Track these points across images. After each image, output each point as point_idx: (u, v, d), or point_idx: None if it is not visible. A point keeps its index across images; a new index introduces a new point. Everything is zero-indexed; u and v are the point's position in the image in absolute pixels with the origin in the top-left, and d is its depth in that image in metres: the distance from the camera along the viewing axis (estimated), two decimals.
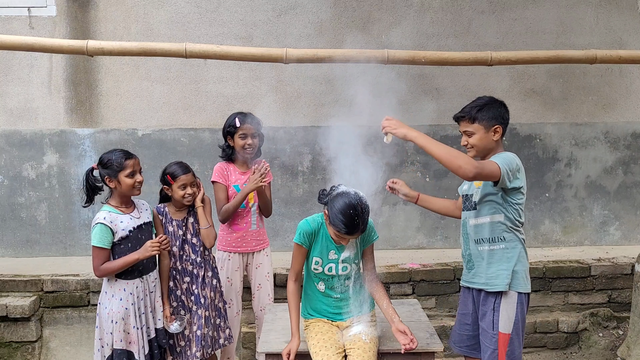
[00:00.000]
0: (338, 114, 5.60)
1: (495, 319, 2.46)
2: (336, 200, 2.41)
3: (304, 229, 2.58)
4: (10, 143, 4.74)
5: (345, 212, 2.35)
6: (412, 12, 5.19)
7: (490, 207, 2.49)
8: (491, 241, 2.50)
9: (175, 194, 2.96)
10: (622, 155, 5.04)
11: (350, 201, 2.38)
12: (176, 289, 3.02)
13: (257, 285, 3.40)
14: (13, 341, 3.92)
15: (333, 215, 2.38)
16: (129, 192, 2.78)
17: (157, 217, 3.01)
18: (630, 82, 5.38)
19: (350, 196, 2.42)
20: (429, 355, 2.55)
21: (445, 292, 4.20)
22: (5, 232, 4.78)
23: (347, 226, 2.35)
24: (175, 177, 2.94)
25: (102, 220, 2.69)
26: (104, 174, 2.76)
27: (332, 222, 2.39)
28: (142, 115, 5.17)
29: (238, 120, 3.22)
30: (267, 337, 2.71)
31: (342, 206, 2.37)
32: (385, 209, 4.92)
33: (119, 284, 2.76)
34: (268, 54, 2.79)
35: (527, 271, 2.54)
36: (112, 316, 2.73)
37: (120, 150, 2.82)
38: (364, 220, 2.38)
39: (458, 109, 2.68)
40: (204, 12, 5.11)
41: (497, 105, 2.55)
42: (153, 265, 2.90)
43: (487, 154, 2.54)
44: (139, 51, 2.75)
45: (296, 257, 2.63)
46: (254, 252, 3.37)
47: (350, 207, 2.36)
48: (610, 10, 5.29)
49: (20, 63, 5.07)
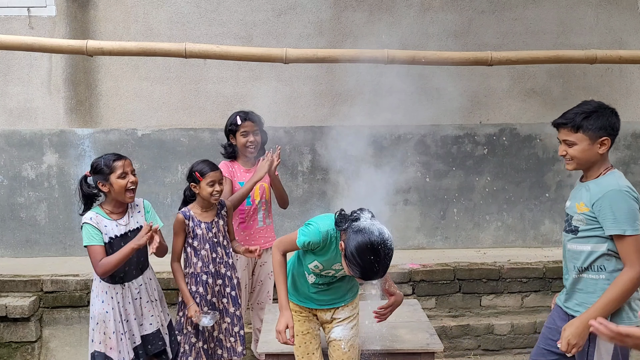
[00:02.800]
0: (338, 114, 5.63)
1: (591, 351, 2.18)
2: (356, 237, 2.08)
3: (313, 239, 2.29)
4: (9, 143, 4.73)
5: (364, 255, 2.04)
6: (412, 12, 5.18)
7: (594, 235, 2.21)
8: (592, 270, 2.22)
9: (203, 192, 2.92)
10: (622, 155, 5.03)
11: (372, 243, 2.04)
12: (206, 293, 2.98)
13: (258, 281, 3.43)
14: (13, 341, 3.92)
15: (350, 255, 2.07)
16: (122, 195, 2.72)
17: (176, 223, 2.96)
18: (630, 82, 5.38)
19: (373, 236, 2.06)
20: (429, 355, 2.55)
21: (445, 292, 4.20)
22: (5, 232, 4.78)
23: (363, 272, 2.07)
24: (204, 174, 2.91)
25: (88, 220, 2.69)
26: (96, 179, 2.73)
27: (348, 260, 2.09)
28: (142, 115, 5.16)
29: (239, 118, 3.24)
30: (267, 337, 2.71)
31: (362, 247, 2.04)
32: (385, 209, 4.90)
33: (102, 285, 2.75)
34: (268, 54, 2.80)
35: (633, 302, 2.21)
36: (96, 317, 2.73)
37: (110, 153, 2.79)
38: (384, 266, 2.07)
39: (458, 108, 2.63)
40: (204, 12, 5.10)
41: (607, 113, 2.25)
42: (138, 272, 2.84)
43: (589, 168, 2.27)
44: (138, 51, 2.75)
45: (292, 246, 2.41)
46: (261, 250, 3.39)
47: (372, 250, 2.04)
48: (610, 10, 5.29)
49: (20, 63, 5.06)
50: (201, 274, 2.98)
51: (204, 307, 2.97)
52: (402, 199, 4.89)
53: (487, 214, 4.99)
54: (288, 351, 2.55)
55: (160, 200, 4.80)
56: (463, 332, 4.09)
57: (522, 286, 4.25)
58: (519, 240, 5.02)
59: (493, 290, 4.24)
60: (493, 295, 4.26)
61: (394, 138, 4.84)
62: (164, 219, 4.81)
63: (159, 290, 3.00)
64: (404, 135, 4.85)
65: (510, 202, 4.99)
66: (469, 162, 4.90)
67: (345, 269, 2.17)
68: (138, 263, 2.84)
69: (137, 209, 2.89)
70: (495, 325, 4.09)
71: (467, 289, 4.22)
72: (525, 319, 4.14)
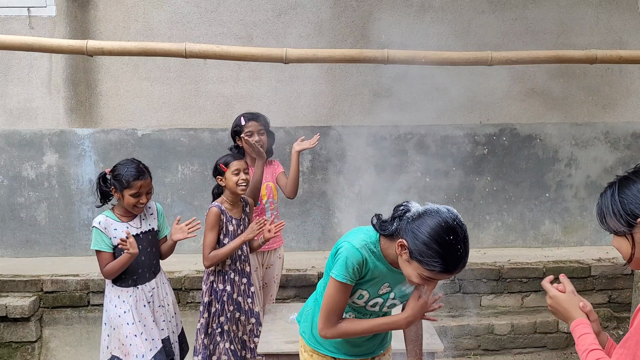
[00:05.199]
0: (338, 114, 5.63)
1: None
2: (423, 222, 1.68)
3: (355, 259, 1.79)
4: (9, 143, 4.73)
5: (441, 238, 1.63)
6: (412, 12, 5.18)
7: None
8: None
9: (229, 182, 2.92)
10: (622, 155, 5.03)
11: (446, 221, 1.65)
12: (233, 292, 2.98)
13: (263, 283, 3.43)
14: (13, 341, 3.92)
15: (421, 246, 1.65)
16: (129, 208, 2.75)
17: (212, 216, 2.91)
18: (630, 82, 5.38)
19: (443, 214, 1.68)
20: (429, 355, 2.55)
21: (445, 292, 4.20)
22: (5, 232, 4.78)
23: (447, 261, 1.63)
24: (228, 163, 2.94)
25: (97, 224, 2.71)
26: (111, 183, 2.75)
27: (419, 256, 1.65)
28: (142, 115, 5.16)
29: (243, 118, 3.25)
30: (267, 337, 2.71)
31: (437, 229, 1.64)
32: (385, 209, 4.91)
33: (114, 290, 2.76)
34: (268, 54, 2.79)
35: None
36: (111, 321, 2.74)
37: (135, 168, 2.72)
38: (467, 248, 1.67)
39: (458, 108, 2.60)
40: (204, 12, 5.10)
41: None
42: (151, 275, 2.84)
43: None
44: (138, 51, 2.75)
45: (338, 299, 1.82)
46: (269, 250, 3.39)
47: (449, 229, 1.64)
48: (610, 10, 5.29)
49: (20, 63, 5.06)
50: (229, 272, 2.97)
51: (229, 307, 2.96)
52: (402, 199, 4.86)
53: (487, 214, 4.99)
54: (288, 351, 2.55)
55: (160, 201, 4.80)
56: (463, 332, 4.08)
57: (522, 286, 4.25)
58: (519, 240, 5.02)
59: (493, 290, 4.25)
60: (493, 295, 4.26)
61: (393, 138, 4.84)
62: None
63: (173, 296, 2.98)
64: (403, 135, 4.85)
65: (510, 202, 4.99)
66: (469, 162, 4.90)
67: (413, 275, 1.71)
68: (150, 266, 2.84)
69: (150, 211, 2.90)
70: (495, 325, 4.09)
71: (467, 289, 4.23)
72: (525, 319, 4.14)
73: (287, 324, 2.84)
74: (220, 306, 2.96)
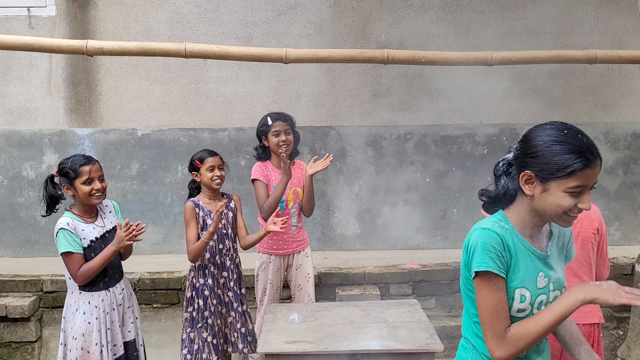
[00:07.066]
0: (338, 114, 5.63)
1: None
2: (532, 145, 1.51)
3: (492, 240, 1.49)
4: (9, 143, 4.73)
5: (560, 138, 1.45)
6: (412, 12, 5.19)
7: None
8: None
9: (204, 178, 2.95)
10: (622, 155, 5.03)
11: (552, 125, 1.51)
12: (214, 285, 2.99)
13: (297, 286, 3.41)
14: (13, 341, 3.91)
15: (548, 159, 1.44)
16: (86, 200, 2.59)
17: (187, 210, 2.94)
18: (630, 82, 5.38)
19: (542, 125, 1.54)
20: (429, 355, 2.55)
21: (445, 292, 4.19)
22: (5, 232, 4.78)
23: (580, 150, 1.41)
24: (203, 159, 2.95)
25: (65, 226, 2.54)
26: (61, 182, 2.62)
27: (553, 169, 1.43)
28: (142, 115, 5.16)
29: (270, 118, 3.23)
30: (267, 337, 2.71)
31: (549, 135, 1.47)
32: (385, 209, 4.92)
33: (83, 296, 2.60)
34: (268, 54, 2.79)
35: None
36: (74, 332, 2.57)
37: (80, 155, 2.63)
38: (589, 137, 1.47)
39: (458, 108, 2.62)
40: (204, 12, 5.11)
41: None
42: (120, 276, 2.75)
43: None
44: (138, 51, 2.75)
45: (497, 298, 1.49)
46: (294, 253, 3.36)
47: (559, 129, 1.48)
48: (610, 10, 5.29)
49: (20, 63, 5.06)
50: (209, 265, 2.99)
51: (213, 300, 2.97)
52: (402, 199, 4.89)
53: None
54: (288, 351, 2.55)
55: (160, 200, 4.81)
56: None
57: None
58: None
59: None
60: None
61: (393, 138, 4.84)
62: (164, 219, 4.86)
63: (134, 298, 2.89)
64: (403, 135, 4.86)
65: None
66: (469, 162, 4.90)
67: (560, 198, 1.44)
68: (118, 266, 2.76)
69: (108, 209, 2.79)
70: None
71: None
72: None
73: (287, 324, 2.83)
74: (202, 301, 2.98)
